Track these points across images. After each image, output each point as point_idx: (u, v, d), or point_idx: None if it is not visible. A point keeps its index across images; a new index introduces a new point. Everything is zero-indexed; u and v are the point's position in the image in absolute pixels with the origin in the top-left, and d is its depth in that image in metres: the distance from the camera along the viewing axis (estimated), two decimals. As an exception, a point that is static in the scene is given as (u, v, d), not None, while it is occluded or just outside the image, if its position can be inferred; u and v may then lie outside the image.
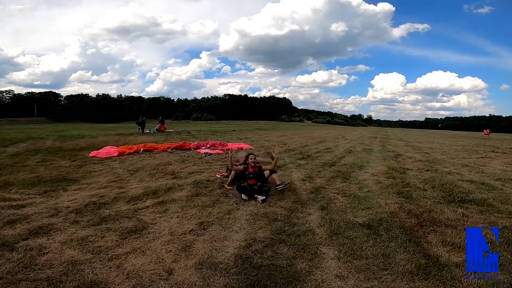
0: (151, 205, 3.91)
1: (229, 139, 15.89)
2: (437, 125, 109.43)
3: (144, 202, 4.04)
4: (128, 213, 3.63)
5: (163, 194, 4.37)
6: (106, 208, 3.82)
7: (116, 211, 3.70)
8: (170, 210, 3.72)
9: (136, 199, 4.16)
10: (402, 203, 4.34)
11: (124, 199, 4.15)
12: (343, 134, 28.36)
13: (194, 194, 4.34)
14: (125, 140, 12.43)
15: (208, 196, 4.31)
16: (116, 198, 4.20)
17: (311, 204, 4.09)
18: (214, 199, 4.13)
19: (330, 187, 5.06)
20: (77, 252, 2.64)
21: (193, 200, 4.09)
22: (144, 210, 3.73)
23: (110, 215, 3.52)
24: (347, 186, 5.18)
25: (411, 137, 27.95)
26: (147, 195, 4.31)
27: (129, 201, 4.09)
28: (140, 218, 3.48)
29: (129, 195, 4.31)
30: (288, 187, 4.61)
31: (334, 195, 4.59)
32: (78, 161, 7.54)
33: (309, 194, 4.55)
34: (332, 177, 5.89)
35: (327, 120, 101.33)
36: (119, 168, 6.55)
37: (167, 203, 3.97)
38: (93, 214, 3.57)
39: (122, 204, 3.99)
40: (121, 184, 5.03)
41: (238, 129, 29.22)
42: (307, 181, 5.45)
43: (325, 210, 3.85)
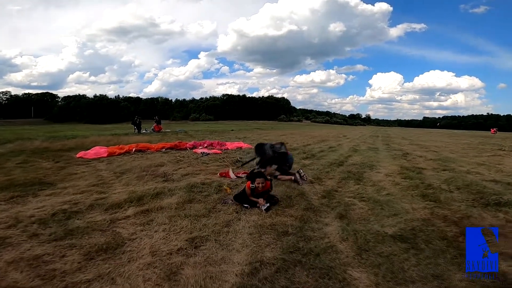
0: (133, 214, 3.24)
1: (227, 138, 15.21)
2: (435, 124, 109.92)
3: (125, 210, 3.37)
4: (102, 224, 2.97)
5: (149, 200, 3.69)
6: (77, 218, 3.16)
7: (89, 222, 3.04)
8: (156, 221, 3.05)
9: (116, 206, 3.49)
10: (431, 207, 3.71)
11: (101, 207, 3.48)
12: (344, 133, 27.72)
13: (186, 201, 3.67)
14: (118, 140, 11.73)
15: (203, 202, 3.64)
16: (92, 206, 3.52)
17: (325, 211, 3.44)
18: (209, 207, 3.45)
19: (344, 190, 4.41)
20: (23, 276, 2.00)
21: (184, 208, 3.42)
22: (123, 221, 3.06)
23: (79, 227, 2.86)
24: (363, 189, 4.53)
25: (413, 136, 27.46)
26: (130, 201, 3.64)
27: (107, 209, 3.42)
28: (116, 231, 2.82)
29: (108, 202, 3.63)
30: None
31: (351, 199, 3.93)
32: (61, 162, 6.85)
33: (321, 199, 3.89)
34: (343, 178, 5.24)
35: (326, 119, 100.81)
36: (105, 170, 5.87)
37: (153, 212, 3.30)
38: (59, 226, 2.91)
39: (98, 213, 3.32)
40: (103, 189, 4.35)
41: (236, 129, 28.48)
42: (316, 183, 4.79)
43: (344, 219, 3.19)
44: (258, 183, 3.57)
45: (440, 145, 15.20)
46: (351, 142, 15.50)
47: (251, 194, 3.59)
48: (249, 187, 3.59)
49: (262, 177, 3.66)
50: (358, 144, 14.10)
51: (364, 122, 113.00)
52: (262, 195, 3.61)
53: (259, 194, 3.61)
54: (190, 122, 66.30)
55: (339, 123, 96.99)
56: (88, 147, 9.49)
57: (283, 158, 5.27)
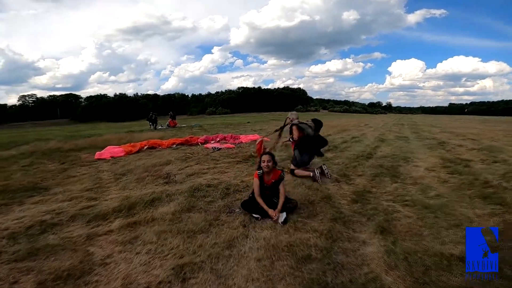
0: (117, 228, 2.65)
1: (242, 131, 14.54)
2: (462, 111, 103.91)
3: (110, 223, 2.79)
4: (77, 241, 2.42)
5: (141, 209, 3.09)
6: (53, 232, 2.66)
7: (63, 237, 2.52)
8: (141, 238, 2.43)
9: (102, 217, 2.92)
10: (500, 213, 2.82)
11: (84, 218, 2.93)
12: (365, 122, 26.12)
13: (184, 209, 3.03)
14: (130, 138, 11.39)
15: (204, 212, 2.97)
16: (75, 217, 2.99)
17: (360, 222, 2.65)
18: (211, 218, 2.78)
19: (379, 191, 3.57)
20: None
21: (180, 220, 2.77)
22: (103, 238, 2.48)
23: (49, 245, 2.35)
24: (403, 188, 3.66)
25: (442, 123, 25.33)
26: (119, 211, 3.05)
27: (90, 221, 2.86)
28: (89, 251, 2.25)
29: (95, 212, 3.08)
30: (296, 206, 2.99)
31: (390, 204, 3.10)
32: (67, 164, 6.51)
33: (352, 204, 3.09)
34: (376, 174, 4.37)
35: (344, 108, 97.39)
36: (107, 170, 5.39)
37: (141, 226, 2.68)
38: (28, 242, 2.43)
39: (78, 225, 2.78)
40: (96, 194, 3.82)
41: (253, 121, 27.69)
42: (343, 182, 3.98)
43: (387, 233, 2.40)
44: (263, 161, 2.94)
45: (476, 133, 13.61)
46: (375, 131, 14.30)
47: (260, 189, 2.93)
48: (257, 176, 2.96)
49: (269, 154, 3.02)
50: (384, 133, 12.91)
51: (385, 110, 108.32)
52: (272, 188, 2.94)
53: (269, 187, 2.93)
54: (207, 116, 66.40)
55: (359, 111, 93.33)
56: (100, 146, 9.25)
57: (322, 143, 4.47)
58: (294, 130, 4.40)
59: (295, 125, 4.41)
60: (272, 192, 2.95)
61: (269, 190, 2.94)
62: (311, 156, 4.40)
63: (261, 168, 3.00)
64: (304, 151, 4.33)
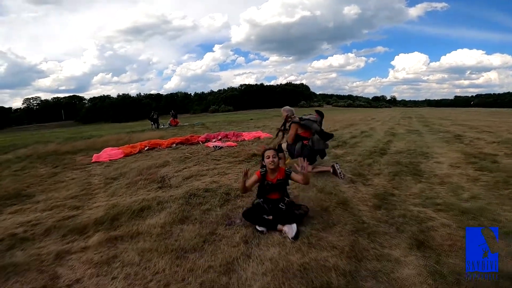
0: (94, 244, 2.23)
1: (245, 128, 14.09)
2: (468, 103, 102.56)
3: (88, 237, 2.38)
4: (46, 259, 2.07)
5: (126, 220, 2.66)
6: (22, 247, 2.30)
7: (32, 254, 2.15)
8: (121, 258, 2.00)
9: (81, 230, 2.52)
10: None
11: (61, 231, 2.54)
12: (371, 115, 25.44)
13: (176, 220, 2.59)
14: (129, 138, 11.01)
15: (199, 223, 2.53)
16: (51, 229, 2.60)
17: (388, 234, 2.18)
18: (206, 232, 2.33)
19: (403, 193, 3.08)
20: None
21: (170, 234, 2.34)
22: (76, 256, 2.08)
23: (14, 263, 2.03)
24: (430, 189, 3.18)
25: (451, 115, 24.56)
26: (101, 223, 2.63)
27: (66, 234, 2.47)
28: (56, 273, 1.87)
29: (75, 223, 2.69)
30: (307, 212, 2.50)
31: (420, 209, 2.62)
32: (59, 167, 6.14)
33: (374, 211, 2.62)
34: (395, 173, 3.87)
35: (348, 103, 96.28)
36: (99, 174, 4.99)
37: (123, 242, 2.26)
38: None
39: (52, 240, 2.40)
40: (80, 202, 3.41)
41: (255, 118, 27.20)
42: (359, 182, 3.49)
43: (425, 248, 1.94)
44: (268, 156, 2.49)
45: (489, 125, 12.97)
46: (383, 125, 13.75)
47: (262, 190, 2.53)
48: (259, 175, 2.54)
49: (273, 149, 2.58)
50: (393, 127, 12.35)
51: (389, 104, 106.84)
52: (277, 188, 2.50)
53: (272, 184, 2.49)
54: (210, 114, 66.07)
55: (363, 106, 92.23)
56: (97, 148, 8.89)
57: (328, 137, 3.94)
58: (292, 127, 3.92)
59: (297, 123, 3.92)
60: (278, 194, 2.50)
61: (274, 190, 2.49)
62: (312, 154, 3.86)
63: (264, 167, 2.55)
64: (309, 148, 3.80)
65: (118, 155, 6.84)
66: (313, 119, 3.88)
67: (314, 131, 3.81)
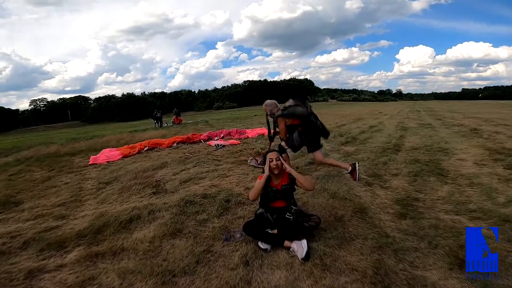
0: (72, 262, 1.95)
1: (250, 124, 13.72)
2: (476, 96, 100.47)
3: (66, 253, 2.11)
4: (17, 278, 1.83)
5: (112, 233, 2.34)
6: None
7: (4, 271, 1.96)
8: (99, 279, 1.71)
9: (60, 245, 2.24)
10: None
11: (41, 244, 2.28)
12: (378, 109, 24.74)
13: (167, 234, 2.25)
14: (130, 138, 10.76)
15: (193, 237, 2.18)
16: (30, 242, 2.35)
17: (419, 250, 1.81)
18: (200, 250, 1.98)
19: (429, 197, 2.69)
20: None
21: (159, 251, 2.00)
22: (50, 275, 1.81)
23: None
24: (460, 192, 2.77)
25: (461, 108, 23.71)
26: (83, 236, 2.33)
27: (43, 249, 2.20)
28: None
29: (56, 235, 2.40)
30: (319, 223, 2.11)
31: (453, 217, 2.23)
32: (55, 170, 5.89)
33: (398, 220, 2.24)
34: (415, 173, 3.46)
35: (353, 97, 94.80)
36: (94, 177, 4.70)
37: (104, 259, 1.95)
38: None
39: (28, 255, 2.14)
40: (67, 210, 3.11)
41: (260, 114, 26.78)
42: (376, 185, 3.10)
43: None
44: (271, 159, 2.15)
45: (504, 117, 12.37)
46: (392, 119, 13.24)
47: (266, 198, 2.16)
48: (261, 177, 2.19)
49: (276, 152, 2.25)
50: (403, 121, 11.84)
51: (395, 98, 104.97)
52: (283, 195, 2.15)
53: (277, 191, 2.15)
54: (214, 111, 65.80)
55: (368, 100, 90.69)
56: (98, 149, 8.66)
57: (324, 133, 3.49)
58: (280, 122, 3.48)
59: (281, 116, 3.47)
60: (284, 202, 2.14)
61: (279, 197, 2.14)
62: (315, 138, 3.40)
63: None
64: (307, 133, 3.33)
65: (116, 156, 6.56)
66: (294, 104, 3.42)
67: (301, 114, 3.33)
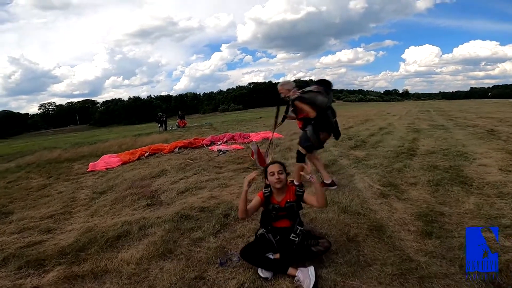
0: (49, 283, 1.80)
1: (254, 127, 13.45)
2: (485, 95, 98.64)
3: (44, 272, 1.94)
4: None
5: (96, 252, 2.10)
6: None
7: None
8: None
9: (39, 263, 2.05)
10: None
11: (20, 261, 2.10)
12: (386, 110, 24.15)
13: (156, 255, 1.98)
14: (133, 142, 10.59)
15: (185, 259, 1.91)
16: (9, 258, 2.17)
17: (450, 276, 1.52)
18: (191, 275, 1.70)
19: (454, 210, 2.35)
20: None
21: (145, 275, 1.74)
22: None
23: None
24: (489, 204, 2.43)
25: (472, 108, 22.88)
26: (66, 254, 2.10)
27: (22, 266, 2.03)
28: None
29: (38, 252, 2.22)
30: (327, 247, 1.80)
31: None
32: (53, 178, 5.73)
33: (422, 240, 1.92)
34: (436, 182, 3.10)
35: (359, 98, 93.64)
36: (90, 186, 4.48)
37: (85, 282, 1.74)
38: None
39: (5, 273, 1.99)
40: (55, 223, 2.89)
41: (265, 116, 26.48)
42: (392, 195, 2.77)
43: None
44: (272, 173, 1.86)
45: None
46: (401, 120, 12.79)
47: (267, 217, 1.90)
48: (262, 196, 1.91)
49: (279, 163, 1.94)
50: (413, 122, 11.40)
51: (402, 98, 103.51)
52: (288, 213, 1.88)
53: (280, 208, 1.87)
54: (220, 113, 65.78)
55: (375, 100, 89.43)
56: (99, 154, 8.53)
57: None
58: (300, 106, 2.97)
59: (298, 99, 2.98)
60: (288, 221, 1.86)
61: (283, 216, 1.86)
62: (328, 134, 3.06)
63: (268, 186, 1.92)
64: (321, 128, 2.95)
65: (115, 163, 6.34)
66: (316, 90, 2.96)
67: (320, 105, 2.88)
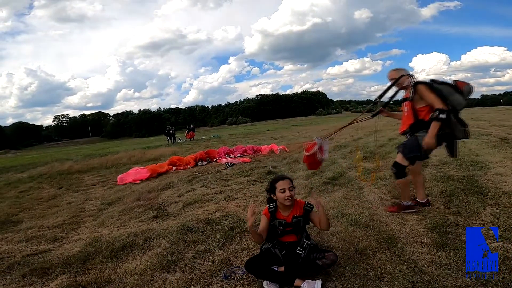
0: None
1: (262, 140, 13.45)
2: (497, 102, 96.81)
3: (48, 281, 1.97)
4: None
5: (101, 261, 2.10)
6: None
7: None
8: None
9: (44, 271, 2.08)
10: None
11: (25, 269, 2.13)
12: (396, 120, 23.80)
13: (160, 266, 1.95)
14: (141, 155, 10.66)
15: (189, 271, 1.87)
16: (15, 265, 2.21)
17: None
18: (195, 291, 1.67)
19: (470, 221, 2.23)
20: None
21: (149, 287, 1.71)
22: None
23: None
24: (505, 214, 2.31)
25: (485, 116, 22.31)
26: (71, 263, 2.11)
27: (27, 274, 2.06)
28: None
29: (43, 260, 2.28)
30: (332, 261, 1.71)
31: (503, 244, 1.80)
32: (63, 188, 5.84)
33: (436, 252, 1.82)
34: (450, 192, 2.98)
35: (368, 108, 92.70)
36: (97, 198, 4.52)
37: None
38: None
39: (9, 280, 2.03)
40: (62, 233, 2.92)
41: (272, 128, 26.54)
42: (403, 207, 2.68)
43: None
44: (282, 190, 1.78)
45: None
46: (412, 130, 12.49)
47: (274, 233, 1.85)
48: (268, 213, 1.85)
49: (288, 179, 1.84)
50: (424, 132, 11.13)
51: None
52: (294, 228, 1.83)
53: (287, 224, 1.82)
54: (228, 126, 66.34)
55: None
56: (109, 166, 8.72)
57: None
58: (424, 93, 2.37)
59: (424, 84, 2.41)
60: (295, 236, 1.81)
61: (290, 231, 1.81)
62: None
63: (273, 201, 1.87)
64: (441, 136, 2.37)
65: (143, 174, 6.13)
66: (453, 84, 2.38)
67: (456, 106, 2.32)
